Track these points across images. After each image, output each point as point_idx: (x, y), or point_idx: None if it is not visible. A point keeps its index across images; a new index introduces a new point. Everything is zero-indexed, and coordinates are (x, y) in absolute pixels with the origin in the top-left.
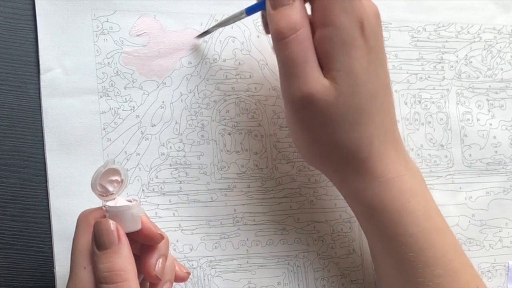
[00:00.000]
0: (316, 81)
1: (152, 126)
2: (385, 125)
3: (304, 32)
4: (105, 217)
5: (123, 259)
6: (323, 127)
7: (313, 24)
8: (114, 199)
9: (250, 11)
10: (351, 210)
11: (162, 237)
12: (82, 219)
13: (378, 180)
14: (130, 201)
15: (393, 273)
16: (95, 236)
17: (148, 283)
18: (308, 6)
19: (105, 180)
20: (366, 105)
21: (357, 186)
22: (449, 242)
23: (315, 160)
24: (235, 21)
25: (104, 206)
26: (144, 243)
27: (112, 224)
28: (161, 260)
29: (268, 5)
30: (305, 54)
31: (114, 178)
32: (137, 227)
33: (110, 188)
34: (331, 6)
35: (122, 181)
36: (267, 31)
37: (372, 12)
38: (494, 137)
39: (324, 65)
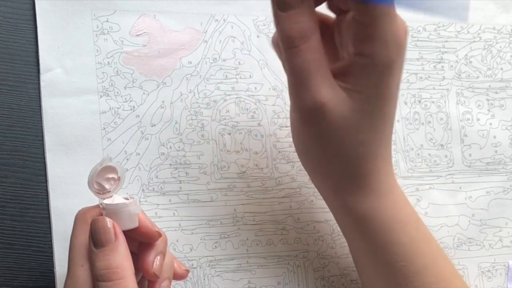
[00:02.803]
0: (330, 91)
1: (152, 126)
2: (388, 141)
3: (316, 39)
4: (102, 215)
5: (120, 257)
6: (330, 139)
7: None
8: (111, 197)
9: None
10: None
11: (159, 234)
12: (79, 217)
13: (374, 193)
14: (127, 199)
15: (383, 286)
16: (92, 234)
17: (147, 281)
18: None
19: (102, 178)
20: (381, 125)
21: (352, 199)
22: (436, 251)
23: (315, 169)
24: None
25: (101, 204)
26: (142, 241)
27: (108, 222)
28: (159, 257)
29: (274, 7)
30: (317, 62)
31: (111, 176)
32: (134, 224)
33: (107, 186)
34: (372, 34)
35: (119, 178)
36: (278, 52)
37: (406, 33)
38: (494, 137)
39: (346, 80)
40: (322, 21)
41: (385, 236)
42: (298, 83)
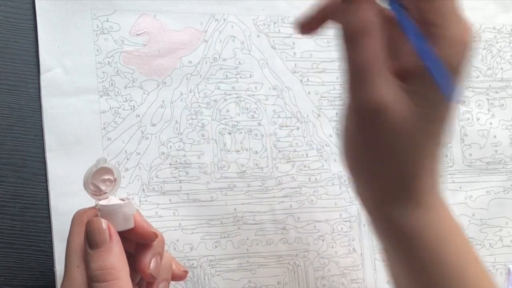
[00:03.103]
0: (391, 92)
1: (152, 126)
2: (441, 153)
3: (378, 34)
4: (97, 216)
5: (114, 257)
6: (385, 144)
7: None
8: (107, 198)
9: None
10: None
11: (155, 235)
12: (76, 218)
13: (421, 208)
14: (123, 200)
15: None
16: (87, 235)
17: (145, 282)
18: None
19: (98, 179)
20: (438, 134)
21: (398, 211)
22: (480, 271)
23: (361, 176)
24: None
25: (97, 205)
26: (138, 242)
27: (103, 223)
28: (155, 258)
29: None
30: (378, 60)
31: (106, 177)
32: (130, 225)
33: (103, 187)
34: (438, 34)
35: (115, 180)
36: (306, 30)
37: (472, 34)
38: (494, 137)
39: (410, 83)
40: (384, 16)
41: (428, 254)
42: (358, 81)
